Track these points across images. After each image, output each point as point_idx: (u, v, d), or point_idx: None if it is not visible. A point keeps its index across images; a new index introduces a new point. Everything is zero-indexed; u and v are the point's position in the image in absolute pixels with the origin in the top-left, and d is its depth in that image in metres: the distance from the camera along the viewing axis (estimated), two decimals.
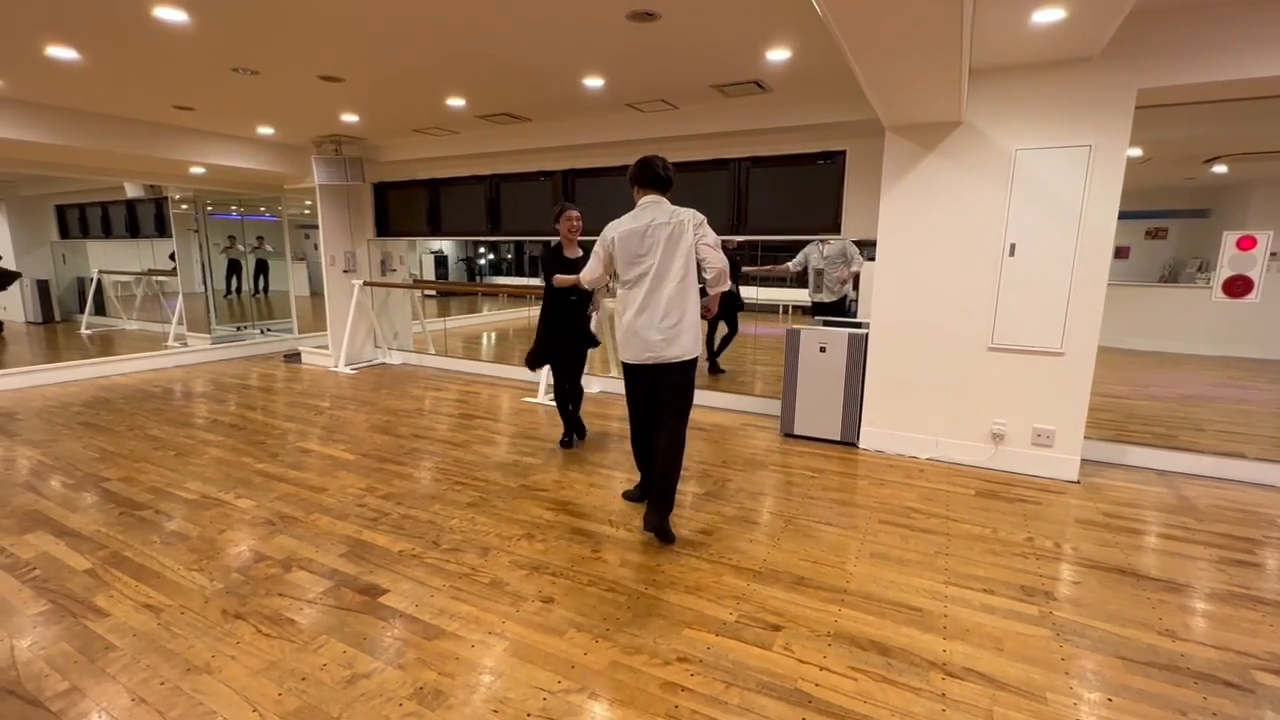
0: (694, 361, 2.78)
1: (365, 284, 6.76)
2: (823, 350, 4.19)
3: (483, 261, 17.21)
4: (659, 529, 2.75)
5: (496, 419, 4.79)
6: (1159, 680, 1.92)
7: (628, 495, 3.24)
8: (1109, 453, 3.84)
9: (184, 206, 7.74)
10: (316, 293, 8.87)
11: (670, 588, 2.41)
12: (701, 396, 5.23)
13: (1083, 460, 3.59)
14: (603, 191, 5.44)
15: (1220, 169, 6.81)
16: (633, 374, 2.88)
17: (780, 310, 9.46)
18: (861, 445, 4.14)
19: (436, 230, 6.54)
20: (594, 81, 3.89)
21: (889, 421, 4.04)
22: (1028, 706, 1.80)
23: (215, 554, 2.65)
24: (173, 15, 2.93)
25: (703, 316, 2.82)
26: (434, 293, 12.04)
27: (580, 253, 3.80)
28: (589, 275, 2.97)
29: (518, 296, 13.76)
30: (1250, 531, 2.96)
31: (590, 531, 2.88)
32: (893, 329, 3.96)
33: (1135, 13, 2.84)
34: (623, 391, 3.02)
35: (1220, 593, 2.43)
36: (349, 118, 5.03)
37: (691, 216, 2.69)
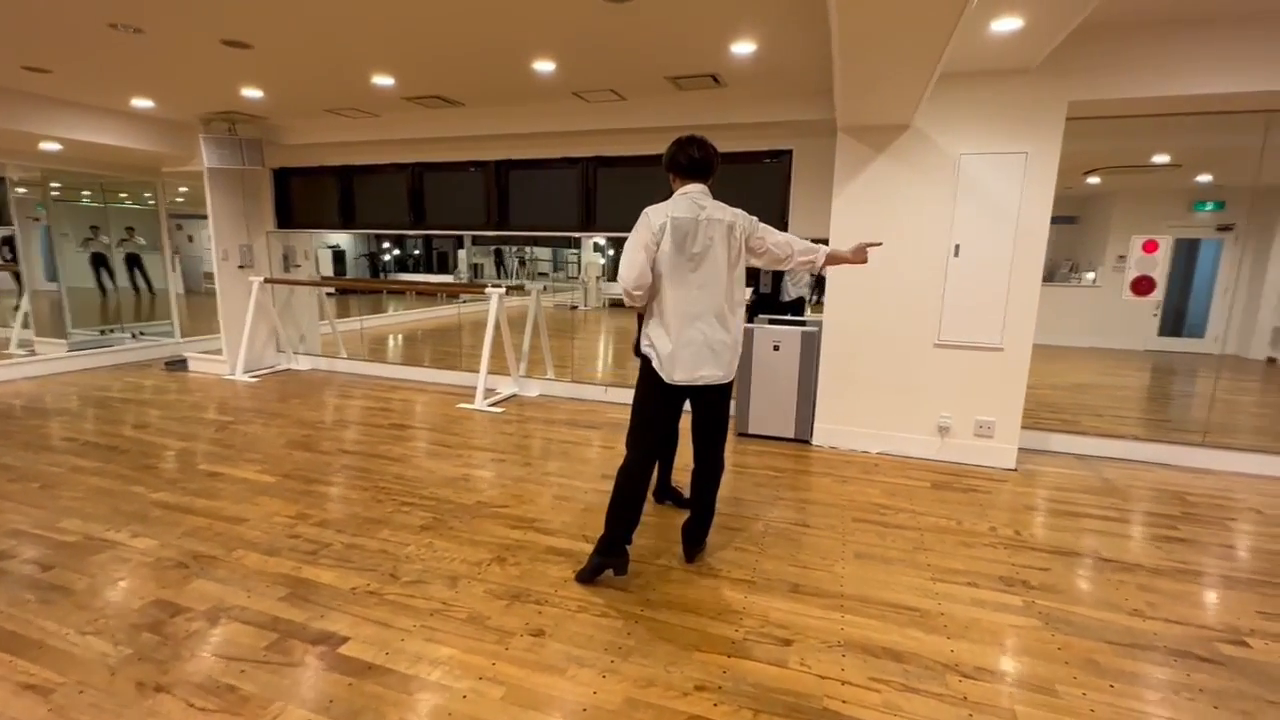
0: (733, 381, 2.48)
1: (266, 281, 6.04)
2: (776, 349, 4.19)
3: (387, 257, 16.15)
4: (694, 551, 2.61)
5: (433, 429, 4.41)
6: (1144, 661, 2.01)
7: (583, 577, 2.42)
8: (1034, 440, 4.12)
9: (21, 190, 6.55)
10: (192, 290, 7.87)
11: (667, 607, 2.26)
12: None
13: (1018, 449, 3.82)
14: (540, 185, 5.17)
15: (1094, 180, 7.64)
16: (670, 395, 2.38)
17: None
18: (815, 442, 4.19)
19: (350, 223, 5.96)
20: (545, 66, 3.64)
21: (841, 418, 4.12)
22: (1044, 702, 1.82)
23: (115, 610, 2.19)
24: None
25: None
26: (333, 291, 11.11)
27: None
28: (632, 276, 2.29)
29: (428, 294, 13.04)
30: (1168, 508, 3.26)
31: (565, 550, 2.67)
32: (845, 327, 4.03)
33: (1071, 30, 3.02)
34: (569, 395, 2.79)
35: (1164, 569, 2.62)
36: (251, 93, 4.42)
37: (745, 218, 2.38)
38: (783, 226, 4.59)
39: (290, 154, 5.85)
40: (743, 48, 3.26)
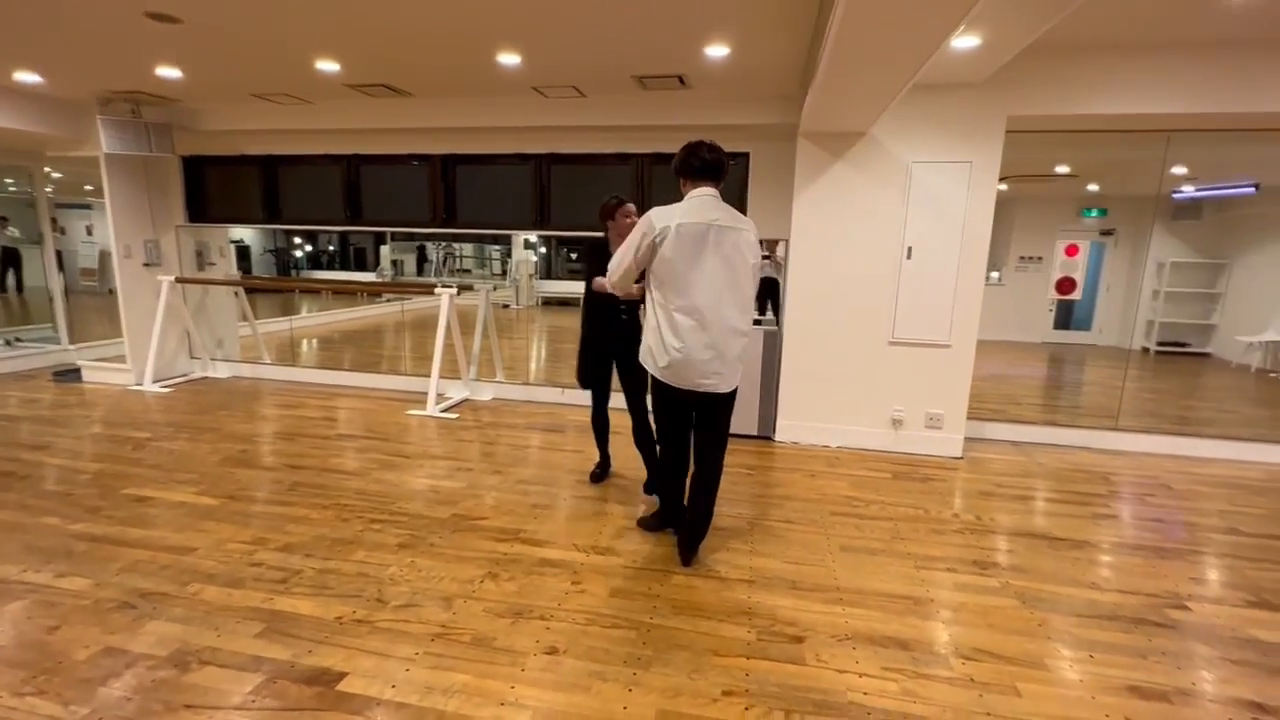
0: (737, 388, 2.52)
1: (177, 281, 5.46)
2: None
3: (299, 253, 15.07)
4: (689, 555, 2.57)
5: (385, 438, 4.16)
6: (1113, 631, 2.21)
7: (646, 523, 2.86)
8: (974, 430, 4.44)
9: None
10: (71, 290, 7.01)
11: (676, 613, 2.24)
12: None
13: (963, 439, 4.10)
14: (490, 181, 4.99)
15: (1002, 187, 8.36)
16: (676, 398, 2.44)
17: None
18: (778, 438, 4.31)
19: (275, 217, 5.50)
20: (510, 59, 3.51)
21: (802, 414, 4.25)
22: (1039, 676, 1.96)
23: (56, 665, 1.90)
24: None
25: None
26: (237, 292, 10.22)
27: None
28: (620, 275, 2.40)
29: (346, 294, 12.33)
30: (1097, 488, 3.60)
31: (560, 561, 2.59)
32: (805, 326, 4.16)
33: (1020, 49, 3.26)
34: (525, 398, 2.75)
35: (1107, 544, 2.90)
36: (168, 72, 3.97)
37: (753, 228, 2.39)
38: None
39: (205, 141, 5.31)
40: (716, 50, 3.28)
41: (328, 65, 3.70)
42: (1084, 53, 3.45)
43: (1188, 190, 5.72)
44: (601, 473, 3.50)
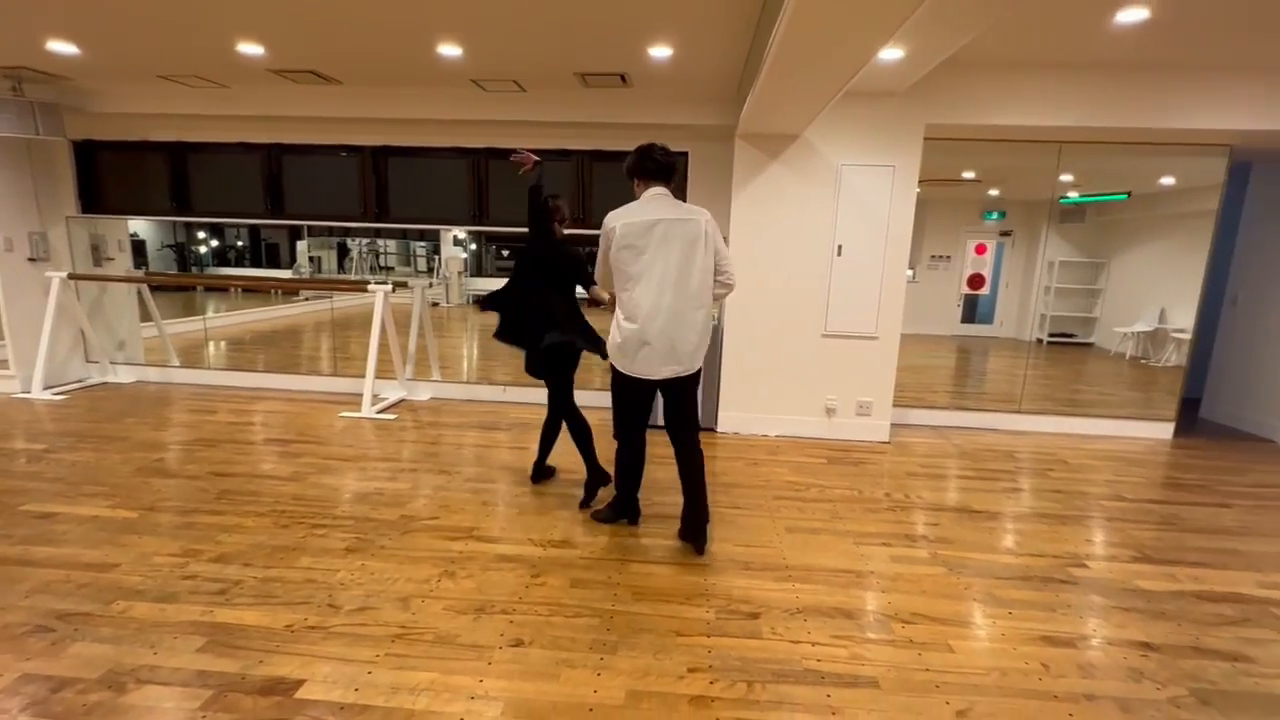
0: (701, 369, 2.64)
1: (69, 278, 4.98)
2: None
3: (203, 249, 13.98)
4: (700, 543, 2.64)
5: (319, 442, 3.98)
6: (1026, 590, 2.46)
7: (600, 516, 2.92)
8: (898, 416, 4.76)
9: None
10: None
11: (637, 599, 2.30)
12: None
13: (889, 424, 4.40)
14: (424, 175, 4.85)
15: (916, 190, 8.97)
16: (636, 387, 2.57)
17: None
18: (720, 429, 4.46)
19: (185, 208, 5.11)
20: (451, 50, 3.44)
21: (742, 405, 4.42)
22: (968, 633, 2.16)
23: None
24: None
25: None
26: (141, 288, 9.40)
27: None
28: (599, 276, 2.67)
29: (259, 292, 11.63)
30: (1005, 465, 3.96)
31: (517, 556, 2.59)
32: (744, 321, 4.32)
33: (938, 62, 3.53)
34: (464, 397, 2.78)
35: (1016, 514, 3.21)
36: (61, 47, 3.61)
37: (707, 218, 2.51)
38: None
39: (101, 124, 4.86)
40: (660, 52, 3.35)
41: (251, 48, 3.49)
42: (992, 69, 3.78)
43: (1073, 195, 6.35)
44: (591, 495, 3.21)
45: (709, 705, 1.78)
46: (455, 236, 11.19)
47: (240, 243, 14.00)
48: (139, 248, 12.43)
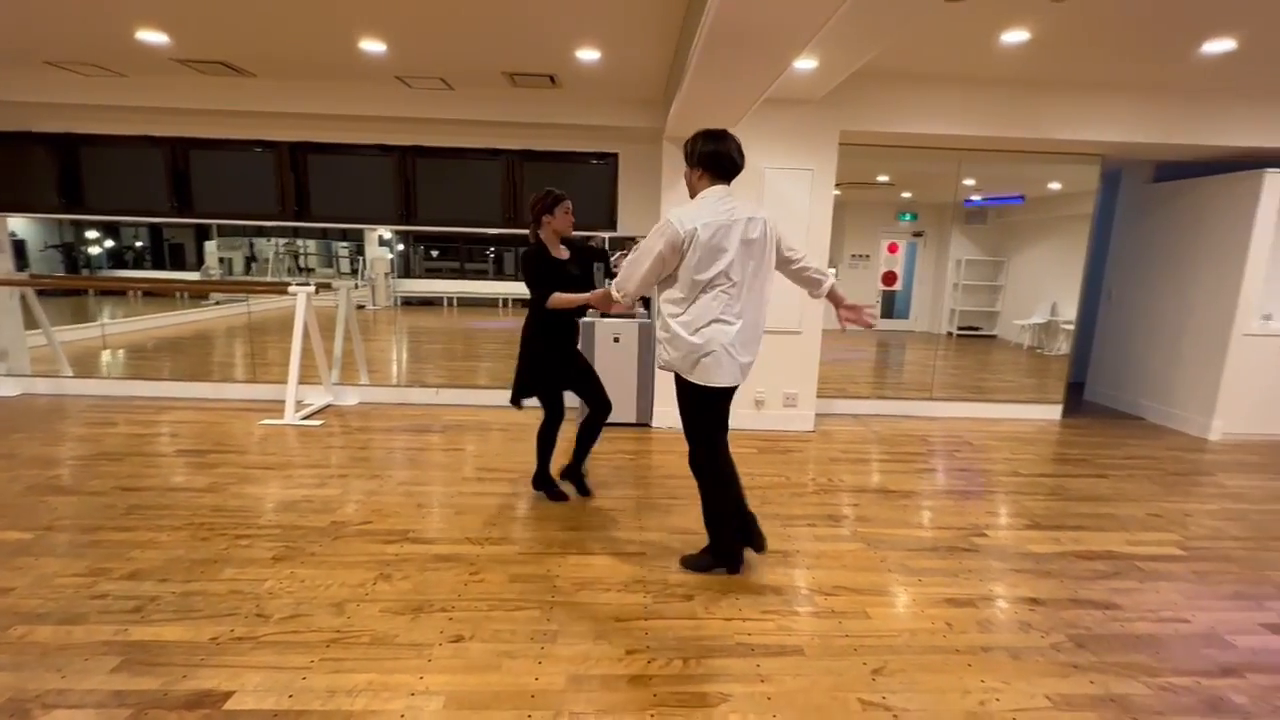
0: None
1: None
2: (616, 340, 4.46)
3: (96, 250, 12.85)
4: (761, 543, 2.50)
5: (239, 451, 3.80)
6: (935, 559, 2.69)
7: (696, 564, 2.53)
8: (822, 406, 5.02)
9: None
10: None
11: (577, 590, 2.36)
12: (479, 396, 5.02)
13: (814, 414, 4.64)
14: (347, 172, 4.71)
15: (836, 192, 9.45)
16: (722, 398, 2.34)
17: (500, 304, 9.50)
18: (655, 424, 4.57)
19: (76, 205, 4.74)
20: (374, 46, 3.37)
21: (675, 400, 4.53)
22: (882, 600, 2.35)
23: None
24: None
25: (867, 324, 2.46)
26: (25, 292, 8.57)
27: (567, 253, 2.99)
28: (633, 287, 2.27)
29: (159, 295, 10.90)
30: (918, 448, 4.27)
31: (455, 555, 2.59)
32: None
33: (849, 73, 3.77)
34: (395, 400, 2.73)
35: (927, 492, 3.48)
36: None
37: (769, 217, 2.33)
38: (612, 226, 4.86)
39: None
40: (588, 54, 3.41)
41: (153, 36, 3.29)
42: (898, 81, 4.07)
43: (975, 199, 6.88)
44: (554, 488, 3.22)
45: (647, 683, 1.86)
46: (380, 236, 10.83)
47: (140, 243, 12.96)
48: (19, 248, 11.31)
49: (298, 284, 4.51)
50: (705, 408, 2.35)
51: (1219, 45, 3.32)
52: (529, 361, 2.98)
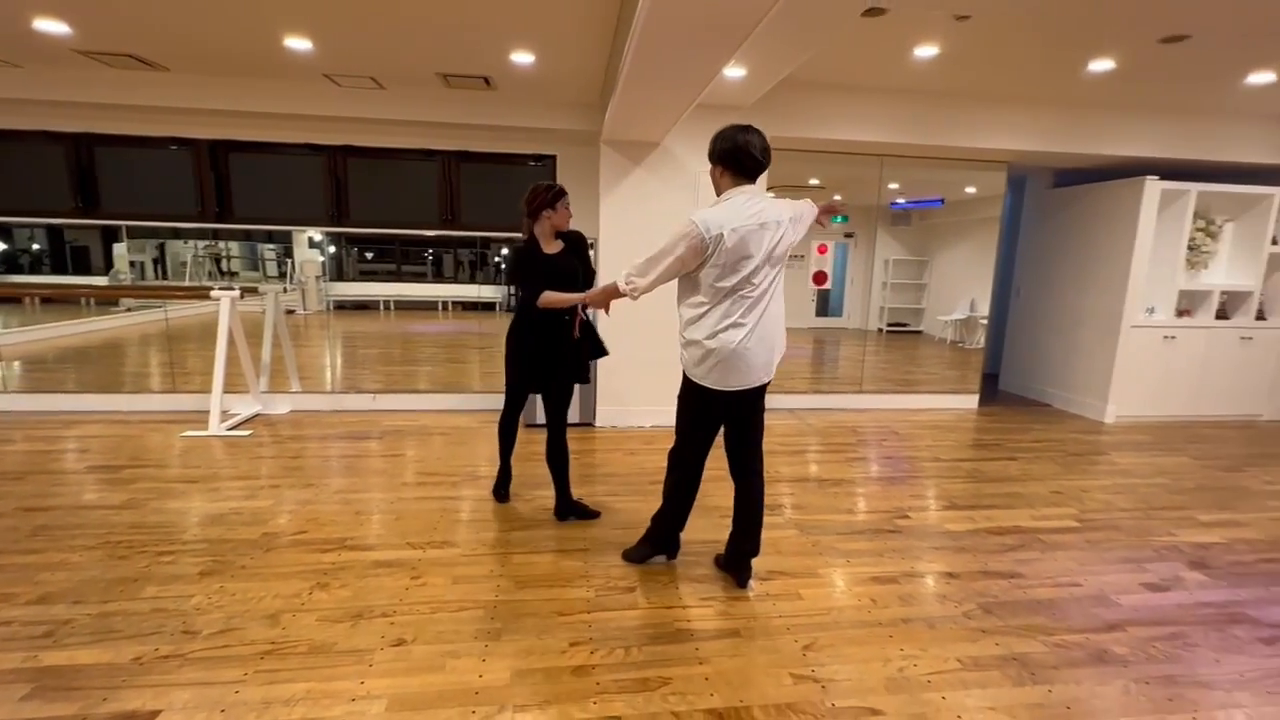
0: None
1: None
2: None
3: None
4: (745, 575, 2.42)
5: (158, 465, 3.60)
6: (863, 541, 2.86)
7: (632, 555, 2.59)
8: None
9: None
10: None
11: (520, 588, 2.38)
12: (419, 400, 4.94)
13: None
14: (273, 172, 4.54)
15: (770, 194, 9.75)
16: (720, 402, 2.25)
17: (440, 306, 9.34)
18: (598, 423, 4.62)
19: None
20: (299, 44, 3.27)
21: (619, 399, 4.61)
22: (813, 582, 2.49)
23: None
24: None
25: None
26: None
27: (560, 245, 2.85)
28: (649, 281, 2.16)
29: (61, 301, 10.16)
30: (849, 438, 4.50)
31: (396, 561, 2.56)
32: (618, 319, 4.48)
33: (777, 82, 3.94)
34: (330, 407, 2.68)
35: (856, 479, 3.68)
36: None
37: (791, 210, 2.19)
38: None
39: None
40: (522, 57, 3.43)
41: (52, 25, 3.09)
42: (824, 90, 4.27)
43: (900, 202, 7.28)
44: (504, 488, 3.20)
45: (590, 672, 1.91)
46: (311, 238, 10.41)
47: (36, 245, 11.97)
48: None
49: (220, 288, 4.31)
50: (697, 405, 2.29)
51: (1101, 65, 3.66)
52: (512, 358, 2.90)
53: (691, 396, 2.29)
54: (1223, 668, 2.02)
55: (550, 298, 2.70)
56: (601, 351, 3.02)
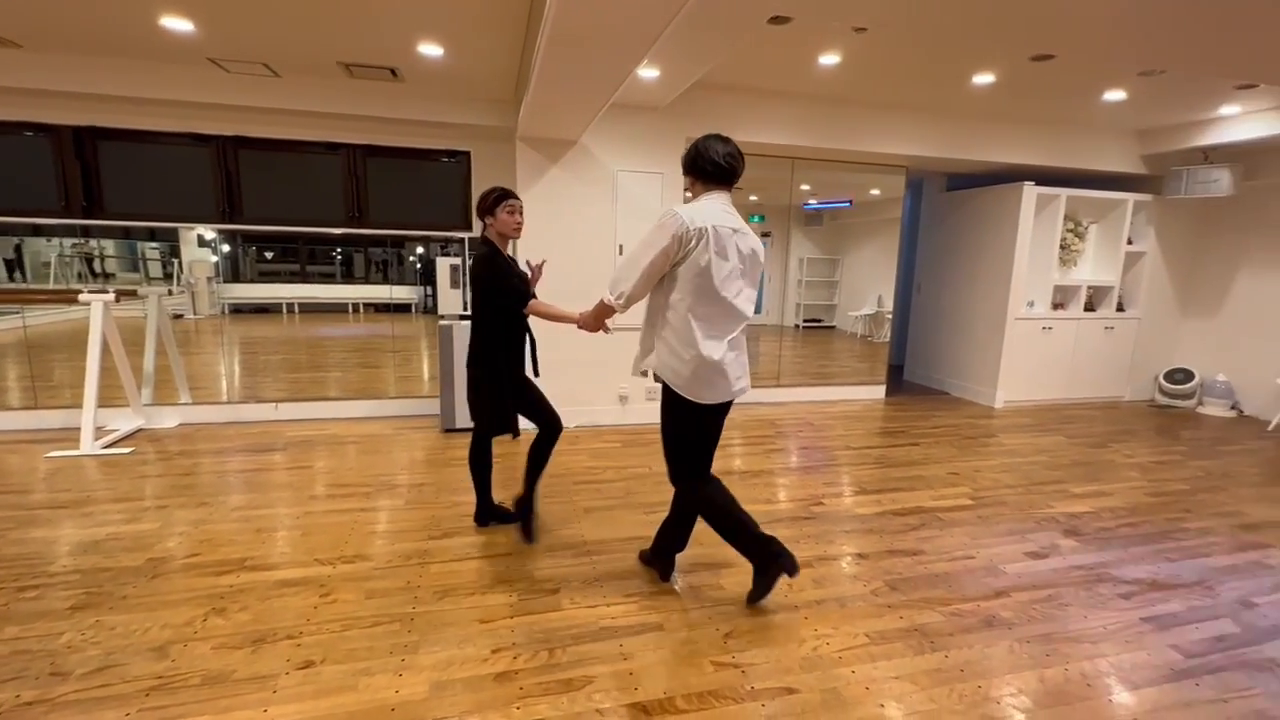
0: None
1: None
2: None
3: None
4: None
5: (17, 489, 3.21)
6: (780, 528, 2.97)
7: (652, 558, 2.51)
8: None
9: None
10: None
11: (439, 598, 2.31)
12: (328, 409, 4.68)
13: None
14: (152, 163, 4.16)
15: (690, 195, 9.93)
16: (715, 414, 2.21)
17: (351, 308, 8.90)
18: (522, 426, 4.53)
19: None
20: (177, 24, 3.00)
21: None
22: (735, 572, 2.55)
23: None
24: None
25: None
26: None
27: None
28: (634, 284, 2.04)
29: None
30: (768, 430, 4.66)
31: (302, 579, 2.41)
32: (538, 320, 4.44)
33: (690, 84, 4.02)
34: (226, 419, 2.51)
35: (774, 469, 3.81)
36: None
37: (758, 242, 2.17)
38: (467, 226, 4.75)
39: None
40: (431, 49, 3.31)
41: None
42: (738, 94, 4.40)
43: (812, 203, 7.62)
44: (500, 512, 2.94)
45: (513, 678, 1.88)
46: (201, 236, 9.60)
47: None
48: None
49: (91, 291, 3.90)
50: (695, 424, 2.19)
51: (983, 78, 3.98)
52: (490, 387, 2.64)
53: (685, 414, 2.17)
54: (1089, 622, 2.26)
55: (542, 309, 2.49)
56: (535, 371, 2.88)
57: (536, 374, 2.86)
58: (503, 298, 2.53)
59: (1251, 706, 1.86)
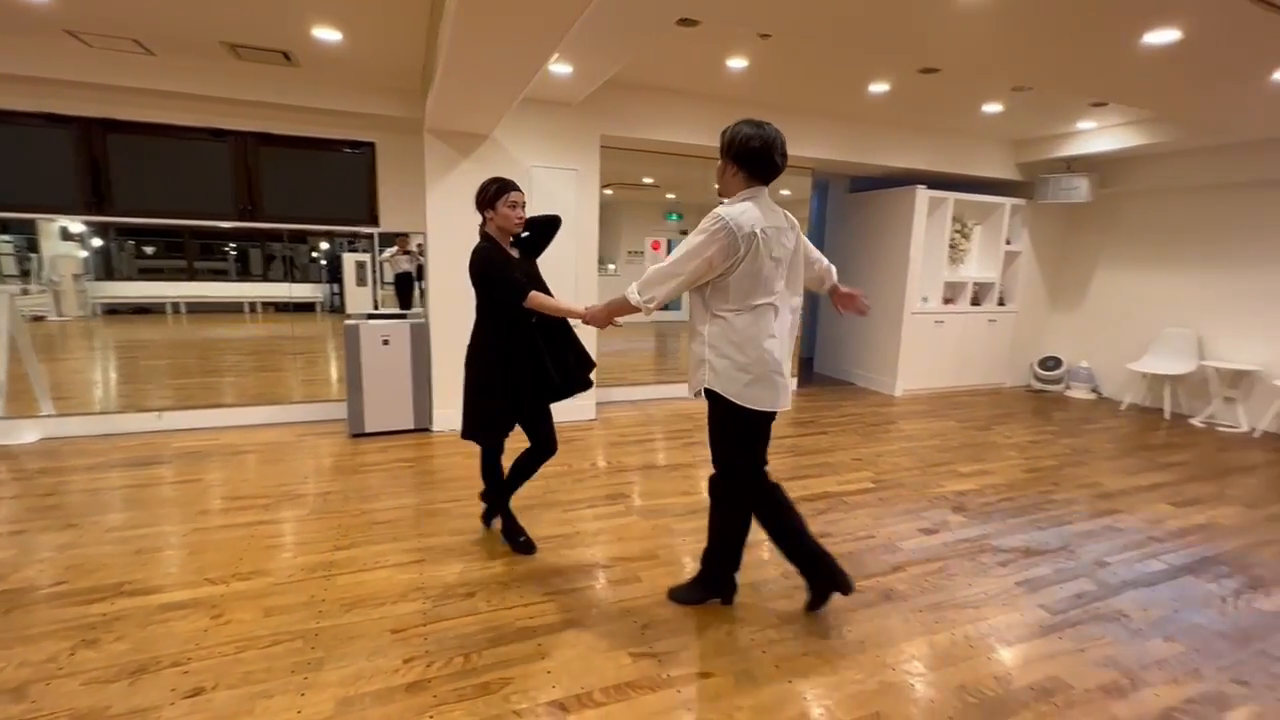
0: None
1: None
2: (386, 343, 4.19)
3: None
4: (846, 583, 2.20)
5: None
6: (697, 520, 3.04)
7: (686, 597, 2.31)
8: (602, 395, 5.31)
9: None
10: None
11: (346, 610, 2.20)
12: (223, 416, 4.35)
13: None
14: (9, 147, 3.69)
15: (609, 191, 9.96)
16: (765, 424, 2.10)
17: (247, 308, 8.32)
18: (435, 428, 4.40)
19: None
20: None
21: (457, 401, 4.41)
22: (652, 564, 2.60)
23: None
24: None
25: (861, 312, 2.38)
26: None
27: (515, 253, 2.57)
28: (669, 290, 1.94)
29: None
30: (685, 425, 4.76)
31: (190, 601, 2.23)
32: (451, 317, 4.32)
33: (602, 82, 4.02)
34: (99, 431, 2.34)
35: (695, 462, 3.90)
36: None
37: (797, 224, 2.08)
38: (373, 220, 4.54)
39: None
40: (327, 34, 3.13)
41: None
42: (652, 93, 4.45)
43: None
44: (519, 535, 2.71)
45: (427, 686, 1.83)
46: (66, 229, 8.61)
47: None
48: None
49: None
50: (750, 433, 2.09)
51: (879, 87, 4.24)
52: (478, 388, 2.52)
53: (733, 419, 2.05)
54: (973, 589, 2.48)
55: (541, 300, 2.35)
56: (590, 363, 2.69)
57: (586, 382, 2.68)
58: (500, 291, 2.40)
59: (1104, 653, 2.11)
